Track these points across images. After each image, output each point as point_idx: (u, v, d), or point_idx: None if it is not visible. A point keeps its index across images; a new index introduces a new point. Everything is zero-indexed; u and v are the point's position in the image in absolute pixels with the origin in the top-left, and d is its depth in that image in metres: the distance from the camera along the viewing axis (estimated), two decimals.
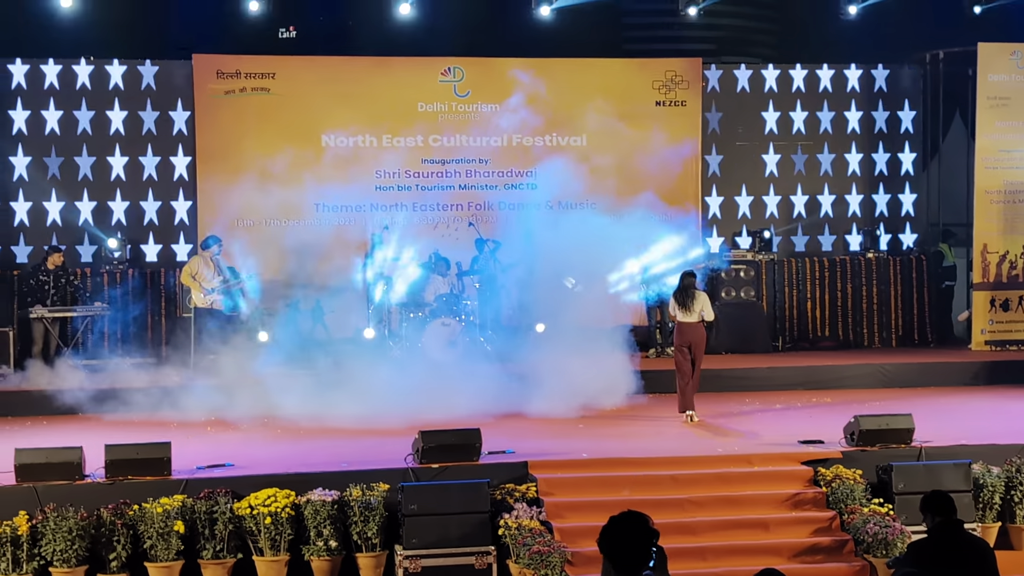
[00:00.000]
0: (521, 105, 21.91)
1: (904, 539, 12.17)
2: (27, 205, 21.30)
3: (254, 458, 13.74)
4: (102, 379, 18.57)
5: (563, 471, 13.29)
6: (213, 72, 21.51)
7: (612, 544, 6.35)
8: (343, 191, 21.52)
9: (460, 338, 19.47)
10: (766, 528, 12.72)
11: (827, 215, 23.73)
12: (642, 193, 21.66)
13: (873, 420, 13.85)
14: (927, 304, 23.03)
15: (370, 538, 12.39)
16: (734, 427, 15.74)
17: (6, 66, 21.22)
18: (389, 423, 15.01)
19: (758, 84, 23.49)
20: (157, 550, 12.07)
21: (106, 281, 20.70)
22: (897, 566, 9.09)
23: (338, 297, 21.03)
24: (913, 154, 23.99)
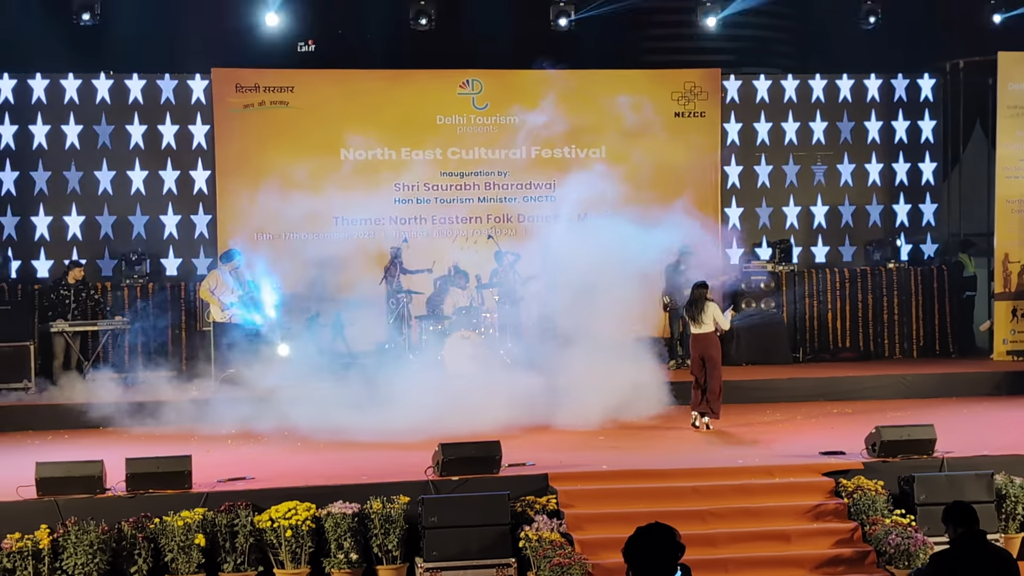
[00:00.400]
0: (539, 117, 21.90)
1: (926, 550, 12.12)
2: (47, 220, 21.38)
3: (274, 471, 13.74)
4: (122, 393, 18.63)
5: (583, 483, 13.27)
6: (232, 86, 21.57)
7: (637, 556, 6.31)
8: (362, 204, 21.50)
9: (480, 350, 19.46)
10: (787, 540, 12.67)
11: (847, 225, 23.66)
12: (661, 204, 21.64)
13: (895, 431, 13.81)
14: (948, 314, 22.93)
15: (391, 551, 12.38)
16: (755, 438, 15.69)
17: (26, 81, 21.31)
18: (410, 436, 14.96)
19: (777, 94, 23.46)
20: (178, 563, 12.08)
21: (126, 295, 20.75)
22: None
23: (358, 310, 21.05)
24: (933, 164, 23.93)
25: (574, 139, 22.22)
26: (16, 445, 16.14)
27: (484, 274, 20.98)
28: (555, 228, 20.52)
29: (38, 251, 21.35)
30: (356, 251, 21.48)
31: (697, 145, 22.52)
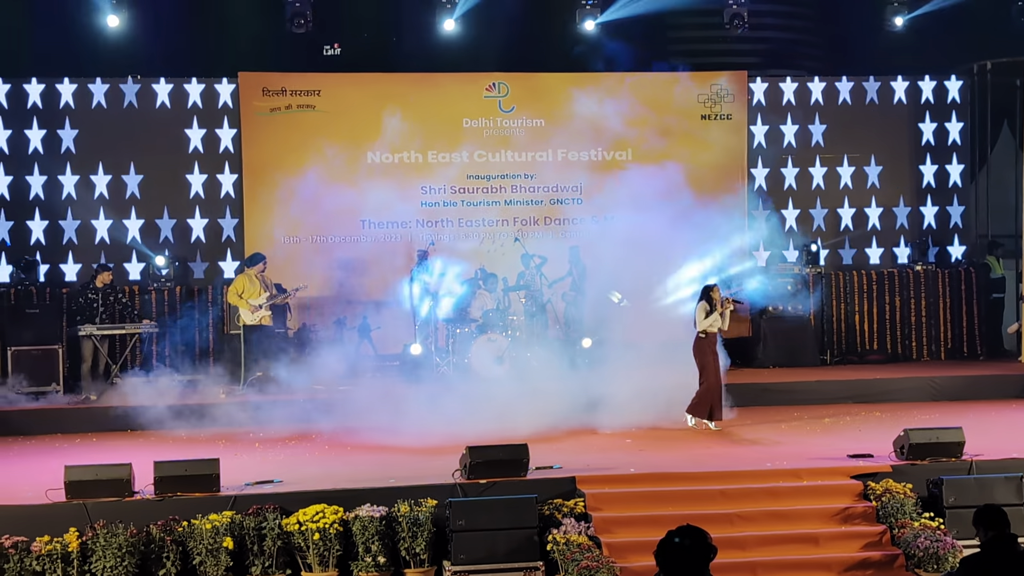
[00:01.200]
0: (565, 120, 21.91)
1: (955, 554, 12.08)
2: (75, 223, 21.47)
3: (302, 474, 13.77)
4: (151, 396, 18.68)
5: (611, 486, 13.26)
6: (259, 90, 21.63)
7: (669, 558, 6.30)
8: (388, 207, 21.54)
9: (507, 354, 19.47)
10: (816, 543, 12.64)
11: (875, 228, 23.59)
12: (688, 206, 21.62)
13: (923, 433, 13.76)
14: (976, 317, 22.83)
15: (418, 554, 12.39)
16: (782, 441, 15.65)
17: (54, 85, 21.40)
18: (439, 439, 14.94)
19: (804, 97, 23.40)
20: (206, 567, 12.12)
21: (154, 299, 20.82)
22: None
23: (384, 313, 21.09)
24: (961, 166, 23.83)
25: (600, 142, 22.19)
26: (45, 448, 16.21)
27: (510, 277, 21.00)
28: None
29: (66, 255, 21.43)
30: (382, 254, 21.54)
31: (723, 147, 22.47)
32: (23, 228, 21.29)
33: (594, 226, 21.98)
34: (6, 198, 21.06)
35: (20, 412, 17.90)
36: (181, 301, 20.98)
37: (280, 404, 17.65)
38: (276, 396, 18.13)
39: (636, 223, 21.88)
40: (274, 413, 17.35)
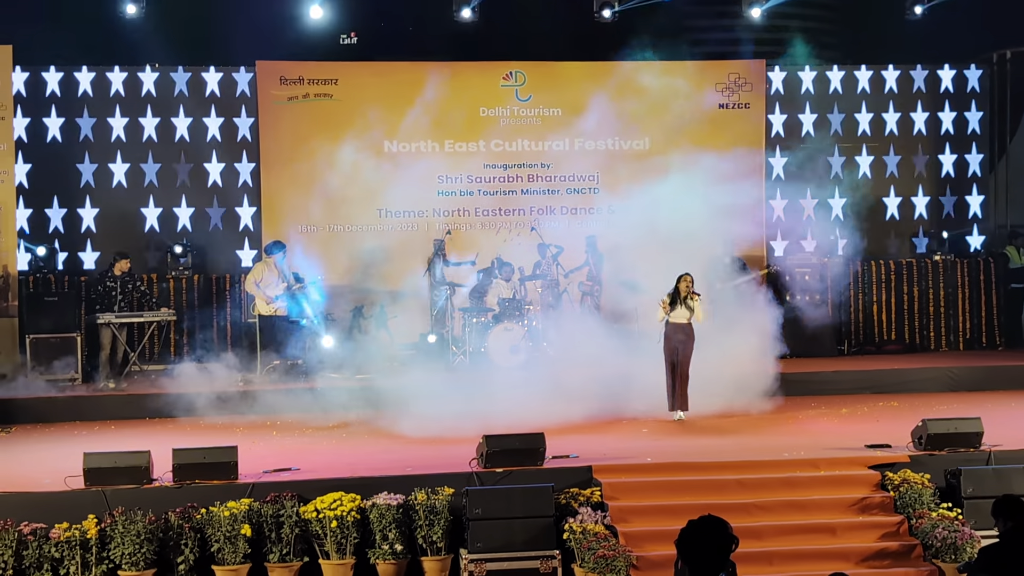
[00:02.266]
0: (582, 108, 21.89)
1: (973, 544, 12.06)
2: (94, 212, 21.51)
3: (320, 462, 13.80)
4: (169, 384, 18.74)
5: (628, 475, 13.25)
6: (276, 78, 21.65)
7: (690, 548, 6.31)
8: (405, 196, 21.55)
9: (523, 343, 19.48)
10: (833, 533, 12.62)
11: (893, 217, 23.52)
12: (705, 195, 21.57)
13: (941, 424, 13.73)
14: (995, 307, 22.77)
15: (435, 542, 12.41)
16: (800, 431, 15.63)
17: (72, 74, 21.45)
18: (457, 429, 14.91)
19: (823, 86, 23.34)
20: (224, 553, 12.16)
21: (172, 287, 20.87)
22: (968, 571, 8.99)
23: (401, 302, 21.12)
24: (980, 155, 23.75)
25: (617, 131, 22.16)
26: (63, 436, 16.27)
27: (527, 266, 21.01)
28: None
29: (85, 243, 21.49)
30: (399, 243, 21.56)
31: (742, 136, 22.42)
32: (42, 216, 21.34)
33: (611, 215, 21.97)
34: (24, 186, 21.10)
35: (39, 400, 17.95)
36: (199, 289, 21.02)
37: (297, 392, 17.69)
38: (293, 384, 18.17)
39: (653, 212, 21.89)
40: (291, 401, 17.40)
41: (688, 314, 16.25)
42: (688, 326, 16.30)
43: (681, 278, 16.33)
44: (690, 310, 16.25)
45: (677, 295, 16.27)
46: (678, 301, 16.25)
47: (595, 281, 21.36)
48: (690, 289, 16.28)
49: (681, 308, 16.25)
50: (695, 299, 16.26)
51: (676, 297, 16.27)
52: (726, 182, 21.37)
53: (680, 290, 16.27)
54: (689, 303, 16.24)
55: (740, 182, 21.38)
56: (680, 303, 16.25)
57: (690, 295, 16.25)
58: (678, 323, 16.27)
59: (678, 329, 16.29)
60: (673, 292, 16.32)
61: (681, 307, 16.25)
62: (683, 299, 16.24)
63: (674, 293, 16.31)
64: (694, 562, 6.29)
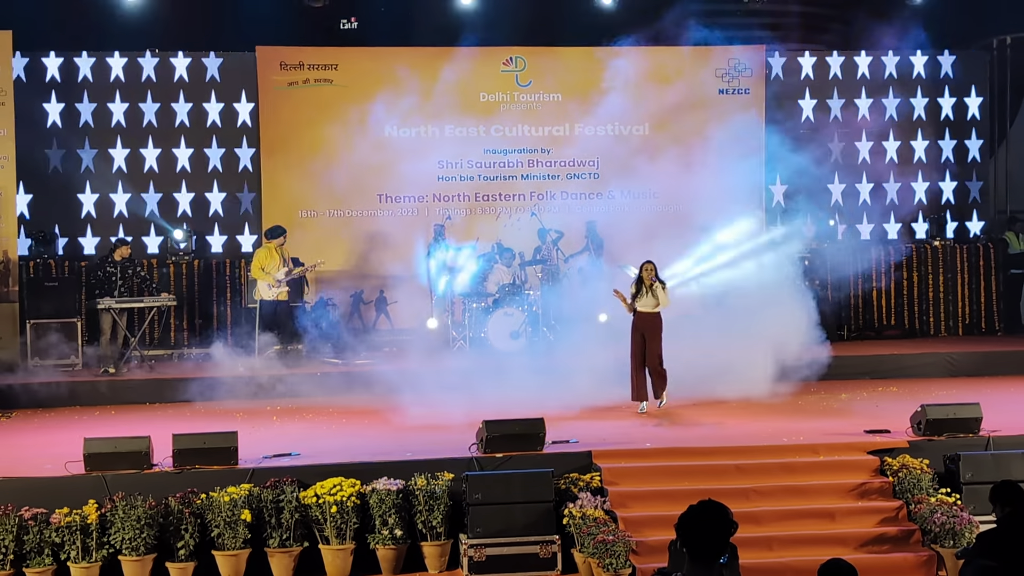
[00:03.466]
0: (582, 94, 21.89)
1: (972, 529, 12.08)
2: (94, 197, 21.52)
3: (320, 447, 13.82)
4: (169, 369, 18.79)
5: (627, 460, 13.27)
6: (276, 64, 21.64)
7: (690, 532, 6.32)
8: (405, 181, 21.58)
9: (523, 328, 19.50)
10: (832, 518, 12.64)
11: (892, 203, 23.51)
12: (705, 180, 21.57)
13: (940, 409, 13.73)
14: (994, 292, 22.79)
15: (435, 527, 12.43)
16: (799, 416, 15.64)
17: (72, 59, 21.43)
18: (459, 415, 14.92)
19: (823, 71, 23.32)
20: (224, 539, 12.18)
21: (172, 272, 20.88)
22: (966, 556, 9.02)
23: (401, 287, 21.13)
24: (980, 141, 23.74)
25: (617, 116, 22.15)
26: (64, 421, 16.29)
27: (527, 251, 21.03)
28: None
29: (85, 228, 21.49)
30: (399, 228, 21.57)
31: (741, 122, 22.38)
32: (42, 201, 21.33)
33: (611, 200, 22.00)
34: (26, 171, 21.08)
35: (39, 385, 17.95)
36: (199, 275, 21.04)
37: (297, 378, 17.73)
38: (293, 370, 18.20)
39: (653, 197, 21.97)
40: (291, 386, 17.44)
41: (654, 302, 15.95)
42: (656, 315, 16.00)
43: (643, 267, 16.08)
44: (656, 298, 15.96)
45: (641, 284, 16.02)
46: (643, 290, 15.98)
47: (595, 266, 21.35)
48: (653, 277, 16.00)
49: (647, 297, 15.95)
50: (659, 286, 16.00)
51: (640, 286, 16.02)
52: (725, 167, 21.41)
53: (644, 279, 16.00)
54: (654, 291, 15.97)
55: (739, 167, 21.41)
56: (646, 292, 15.98)
57: (653, 283, 15.99)
58: (645, 312, 15.99)
59: (645, 318, 16.00)
60: (637, 281, 16.10)
61: (647, 296, 15.96)
62: (648, 287, 15.98)
63: (638, 282, 16.07)
64: (694, 546, 6.31)
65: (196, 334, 20.74)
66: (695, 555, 6.33)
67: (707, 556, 6.33)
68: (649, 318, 15.99)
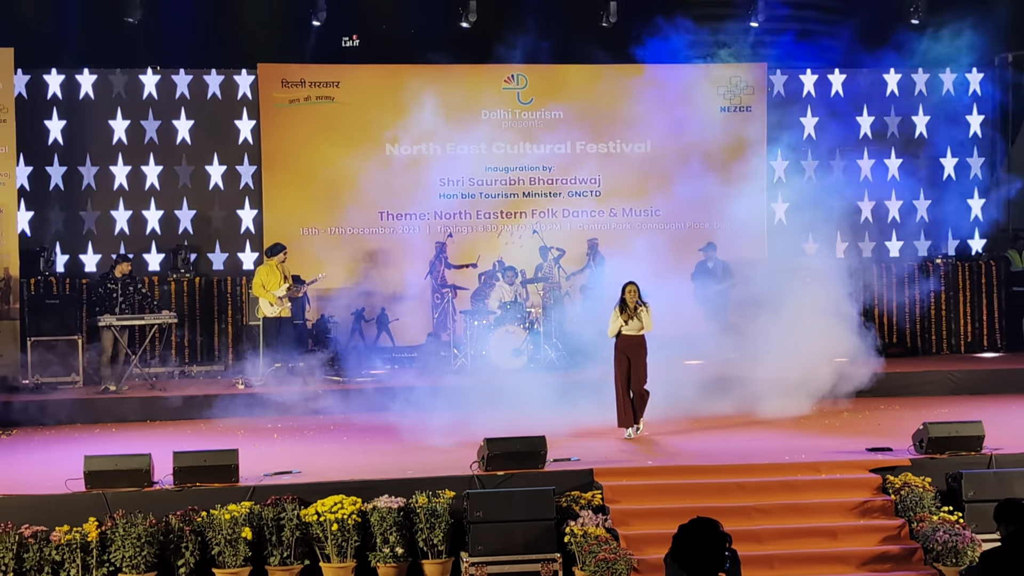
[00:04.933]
0: (585, 111, 21.90)
1: (974, 548, 12.05)
2: (95, 214, 21.51)
3: (320, 465, 13.81)
4: (169, 387, 18.77)
5: (629, 478, 13.26)
6: (278, 81, 21.66)
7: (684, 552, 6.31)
8: (407, 199, 21.60)
9: (525, 346, 19.49)
10: (834, 536, 12.63)
11: (894, 220, 23.50)
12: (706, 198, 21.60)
13: (942, 427, 13.73)
14: (996, 310, 22.75)
15: (436, 545, 12.41)
16: (801, 434, 15.61)
17: (74, 76, 21.45)
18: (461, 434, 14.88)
19: (824, 89, 23.33)
20: (225, 556, 12.16)
21: (173, 290, 20.87)
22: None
23: (402, 304, 21.13)
24: (982, 159, 23.74)
25: (619, 134, 22.19)
26: (64, 438, 16.27)
27: (528, 269, 21.03)
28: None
29: (86, 245, 21.49)
30: (400, 246, 21.58)
31: (742, 139, 22.41)
32: (43, 219, 21.33)
33: (612, 218, 22.00)
34: (26, 188, 21.09)
35: (40, 402, 17.92)
36: (200, 292, 21.02)
37: (299, 395, 17.71)
38: (294, 388, 18.17)
39: (655, 215, 21.97)
40: (292, 404, 17.42)
41: (639, 325, 15.31)
42: (640, 337, 15.38)
43: (626, 288, 15.41)
44: (639, 320, 15.32)
45: (624, 305, 15.38)
46: (627, 312, 15.34)
47: (597, 284, 21.35)
48: (636, 299, 15.36)
49: (633, 319, 15.31)
50: (643, 308, 15.36)
51: (624, 308, 15.36)
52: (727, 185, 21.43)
53: (627, 301, 15.36)
54: (639, 313, 15.34)
55: (741, 185, 21.42)
56: (631, 314, 15.32)
57: (637, 305, 15.37)
58: (629, 335, 15.35)
59: (630, 341, 15.36)
60: (620, 304, 15.44)
61: (632, 318, 15.31)
62: (633, 310, 15.32)
63: (621, 304, 15.42)
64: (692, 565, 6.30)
65: (197, 351, 20.73)
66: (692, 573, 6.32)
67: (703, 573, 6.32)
68: (633, 341, 15.39)
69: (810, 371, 16.96)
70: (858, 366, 17.62)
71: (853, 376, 17.46)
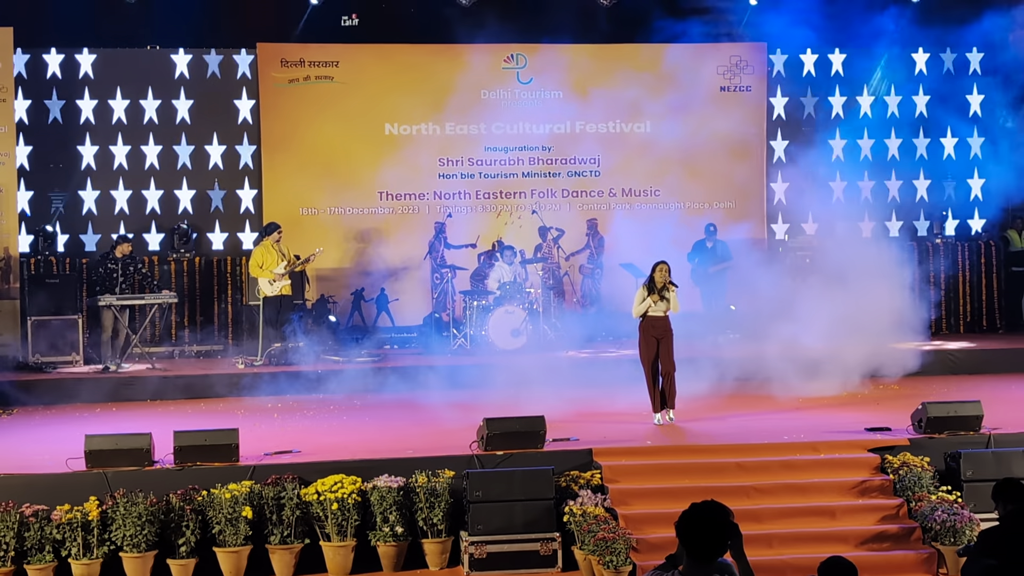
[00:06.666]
0: (584, 91, 21.87)
1: (972, 527, 12.07)
2: (95, 194, 21.51)
3: (320, 444, 13.83)
4: (169, 366, 18.79)
5: (628, 458, 13.27)
6: (277, 61, 21.63)
7: (688, 531, 6.33)
8: (406, 179, 21.59)
9: (524, 326, 19.50)
10: (832, 515, 12.64)
11: (894, 200, 23.48)
12: (706, 179, 21.60)
13: (941, 407, 13.72)
14: (996, 290, 22.76)
15: (436, 524, 12.44)
16: (800, 414, 15.62)
17: (73, 56, 21.42)
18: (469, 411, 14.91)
19: (824, 69, 23.29)
20: (225, 535, 12.19)
21: (173, 269, 20.88)
22: (968, 554, 9.00)
23: (402, 284, 21.15)
24: (982, 138, 23.71)
25: (618, 114, 22.17)
26: (65, 418, 16.28)
27: (528, 249, 21.04)
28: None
29: (86, 225, 21.49)
30: (400, 226, 21.58)
31: (743, 120, 22.39)
32: (43, 199, 21.33)
33: (612, 198, 22.01)
34: (26, 168, 21.08)
35: (40, 381, 17.97)
36: (200, 272, 21.03)
37: (298, 375, 17.73)
38: (294, 367, 18.20)
39: (654, 195, 21.96)
40: (292, 384, 17.44)
41: (665, 306, 14.74)
42: (666, 319, 14.80)
43: (656, 267, 14.78)
44: (667, 301, 14.76)
45: (653, 285, 14.79)
46: (655, 292, 14.75)
47: (596, 264, 21.40)
48: (667, 279, 14.79)
49: (660, 300, 14.75)
50: (672, 289, 14.81)
51: (652, 287, 14.78)
52: (726, 165, 21.42)
53: (656, 280, 14.75)
54: (666, 294, 14.75)
55: (740, 165, 21.42)
56: (658, 294, 14.76)
57: (667, 285, 14.80)
58: (656, 316, 14.74)
59: (656, 322, 14.76)
60: (648, 282, 14.88)
61: (660, 299, 14.75)
62: (659, 290, 14.73)
63: (649, 283, 14.85)
64: (690, 544, 6.32)
65: (197, 331, 20.75)
66: (692, 553, 6.35)
67: (703, 555, 6.34)
68: (660, 323, 14.80)
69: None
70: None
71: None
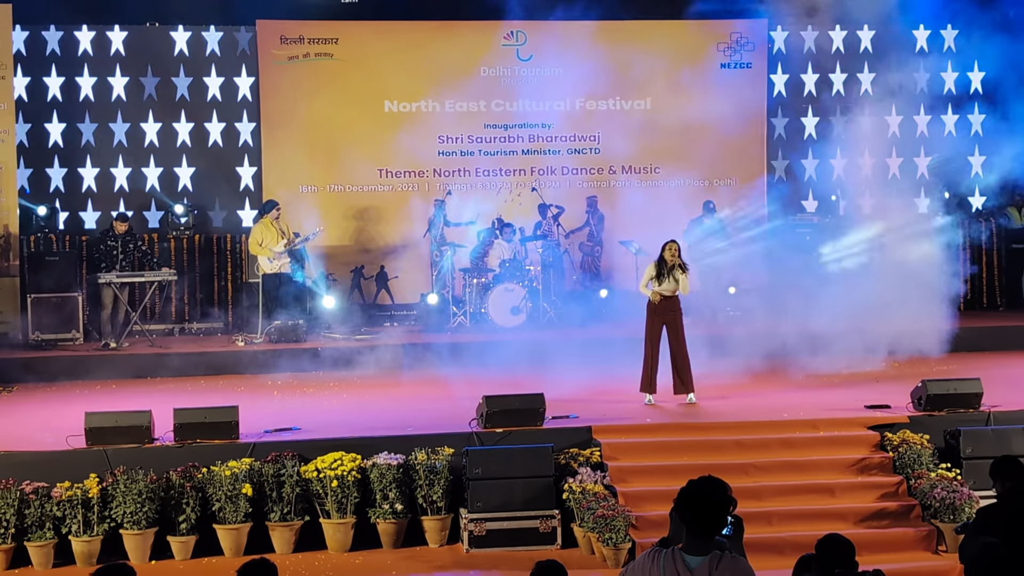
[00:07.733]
0: (584, 68, 21.80)
1: (972, 504, 12.09)
2: (94, 171, 21.47)
3: (320, 422, 13.85)
4: (169, 344, 18.79)
5: (627, 436, 13.30)
6: (277, 38, 21.57)
7: (688, 506, 6.34)
8: (406, 156, 21.54)
9: (524, 304, 19.49)
10: (832, 493, 12.67)
11: (894, 177, 23.45)
12: (707, 156, 21.55)
13: (941, 384, 13.76)
14: (996, 267, 22.74)
15: (435, 501, 12.46)
16: (799, 391, 15.63)
17: (72, 33, 21.36)
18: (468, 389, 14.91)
19: (825, 45, 23.22)
20: (225, 512, 12.21)
21: (173, 247, 20.86)
22: (967, 532, 9.00)
23: (401, 262, 21.14)
24: (982, 115, 23.65)
25: (619, 91, 22.11)
26: (65, 395, 16.29)
27: (528, 227, 21.02)
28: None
29: (85, 203, 21.46)
30: (400, 203, 21.56)
31: (743, 96, 22.33)
32: (42, 176, 21.30)
33: (612, 175, 21.96)
34: (25, 145, 21.04)
35: (40, 359, 17.98)
36: (200, 249, 21.02)
37: (298, 352, 17.75)
38: (294, 344, 18.21)
39: (655, 172, 21.93)
40: (292, 361, 17.45)
41: (675, 286, 14.59)
42: (675, 299, 14.71)
43: (666, 246, 14.68)
44: (676, 281, 14.63)
45: (663, 264, 14.66)
46: (664, 271, 14.64)
47: (596, 242, 21.39)
48: (676, 258, 14.66)
49: (668, 279, 14.61)
50: (683, 270, 14.66)
51: (662, 267, 14.66)
52: (727, 142, 21.38)
53: (665, 259, 14.62)
54: (676, 274, 14.65)
55: (741, 142, 21.36)
56: (667, 274, 14.63)
57: (677, 264, 14.68)
58: (665, 295, 14.65)
59: (664, 303, 14.65)
60: (658, 261, 14.72)
61: (668, 278, 14.61)
62: (669, 269, 14.60)
63: (659, 262, 14.70)
64: (690, 520, 6.33)
65: (197, 308, 20.74)
66: (691, 529, 6.36)
67: (703, 531, 6.35)
68: (668, 303, 14.68)
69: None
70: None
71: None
